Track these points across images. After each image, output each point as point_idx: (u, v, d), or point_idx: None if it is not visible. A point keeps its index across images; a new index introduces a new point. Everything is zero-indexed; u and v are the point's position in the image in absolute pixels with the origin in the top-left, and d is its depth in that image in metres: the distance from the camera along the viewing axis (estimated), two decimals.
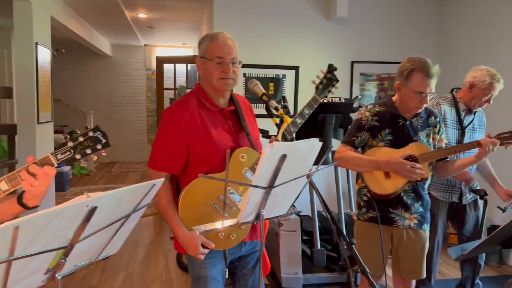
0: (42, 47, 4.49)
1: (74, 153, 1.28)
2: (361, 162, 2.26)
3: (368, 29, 5.07)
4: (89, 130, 1.30)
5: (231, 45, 1.82)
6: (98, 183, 7.87)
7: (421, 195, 2.30)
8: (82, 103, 9.63)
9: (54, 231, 0.97)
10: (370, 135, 2.29)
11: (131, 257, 4.27)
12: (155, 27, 7.63)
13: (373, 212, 2.28)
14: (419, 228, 2.30)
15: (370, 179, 2.27)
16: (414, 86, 2.15)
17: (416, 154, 2.21)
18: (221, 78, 1.79)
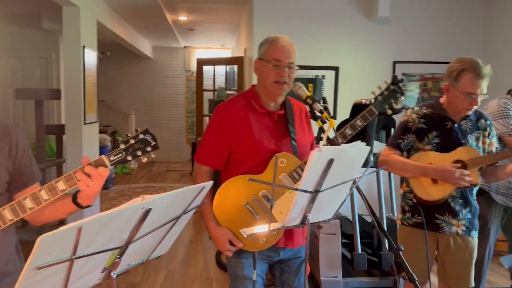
0: (89, 50, 4.66)
1: (125, 155, 1.32)
2: (408, 168, 2.20)
3: (411, 28, 4.94)
4: (139, 132, 1.34)
5: (290, 49, 1.87)
6: (139, 181, 8.08)
7: (469, 201, 2.22)
8: (124, 103, 9.92)
9: (112, 232, 1.01)
10: (416, 138, 2.23)
11: (172, 255, 4.36)
12: (194, 29, 7.76)
13: (418, 217, 2.22)
14: (467, 235, 2.22)
15: (416, 184, 2.21)
16: (464, 87, 2.07)
17: (465, 159, 2.13)
18: (275, 81, 1.82)
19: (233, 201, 1.79)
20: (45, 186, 1.29)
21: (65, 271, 0.95)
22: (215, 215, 1.82)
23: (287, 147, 1.87)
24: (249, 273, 1.88)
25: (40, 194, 1.28)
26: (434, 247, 2.25)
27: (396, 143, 2.27)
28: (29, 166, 1.49)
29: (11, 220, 1.27)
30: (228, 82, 6.73)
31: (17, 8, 5.73)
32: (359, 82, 4.86)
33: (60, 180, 1.30)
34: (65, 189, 1.31)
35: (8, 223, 1.27)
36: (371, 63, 4.94)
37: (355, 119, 2.09)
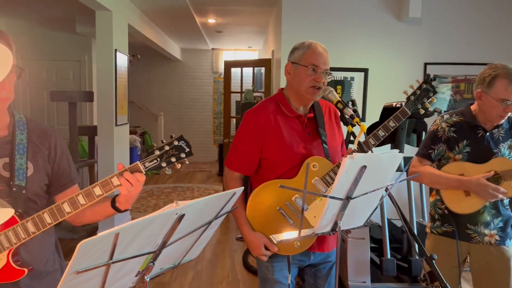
0: (121, 53, 4.77)
1: (160, 161, 1.35)
2: (440, 180, 2.13)
3: (443, 29, 4.83)
4: (174, 139, 1.36)
5: (327, 56, 1.88)
6: (167, 182, 8.20)
7: (500, 210, 2.15)
8: (154, 105, 10.09)
9: (147, 237, 1.03)
10: (447, 147, 2.16)
11: (200, 256, 4.40)
12: (223, 32, 7.81)
13: (448, 226, 2.16)
14: (502, 245, 2.15)
15: (447, 195, 2.14)
16: (497, 93, 2.01)
17: (499, 171, 2.06)
18: (311, 86, 1.82)
19: (266, 206, 1.80)
20: (83, 191, 1.33)
21: (102, 275, 0.98)
22: (249, 220, 1.83)
23: (318, 150, 1.87)
24: (280, 277, 1.89)
25: (78, 199, 1.32)
26: (464, 258, 2.19)
27: (426, 153, 2.21)
28: (68, 169, 1.53)
29: (50, 224, 1.32)
30: (256, 84, 6.74)
31: (52, 12, 5.92)
32: (389, 84, 4.78)
33: (97, 185, 1.34)
34: (101, 194, 1.34)
35: (47, 226, 1.32)
36: (402, 64, 4.85)
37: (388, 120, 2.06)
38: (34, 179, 1.43)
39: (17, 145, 1.41)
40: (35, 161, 1.44)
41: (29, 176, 1.41)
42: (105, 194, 1.33)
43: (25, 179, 1.40)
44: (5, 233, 1.29)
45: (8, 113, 1.45)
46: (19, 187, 1.38)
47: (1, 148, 1.40)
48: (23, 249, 1.36)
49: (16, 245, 1.30)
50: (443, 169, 2.16)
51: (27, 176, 1.41)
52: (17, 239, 1.29)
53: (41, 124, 1.54)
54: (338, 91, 4.90)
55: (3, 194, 1.37)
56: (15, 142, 1.41)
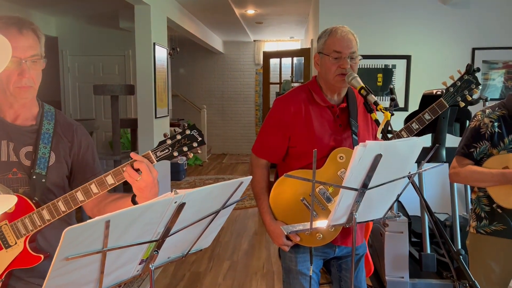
0: (159, 47, 4.85)
1: (172, 151, 1.34)
2: (484, 177, 1.96)
3: (491, 11, 4.50)
4: (186, 128, 1.35)
5: (351, 38, 1.77)
6: (210, 173, 8.32)
7: None
8: (197, 97, 10.25)
9: (144, 225, 1.02)
10: (491, 144, 1.99)
11: (236, 247, 4.42)
12: (263, 23, 7.76)
13: (498, 224, 2.00)
14: None
15: (495, 191, 1.98)
16: None
17: None
18: (338, 74, 1.74)
19: (290, 195, 1.76)
20: (95, 180, 1.35)
21: (98, 262, 0.98)
22: (272, 209, 1.80)
23: (348, 142, 1.80)
24: (303, 268, 1.86)
25: (91, 188, 1.34)
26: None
27: (467, 152, 2.04)
28: (92, 163, 1.57)
29: (64, 212, 1.35)
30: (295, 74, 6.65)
31: (96, 9, 6.13)
32: (434, 71, 4.54)
33: (109, 174, 1.35)
34: (114, 183, 1.36)
35: (61, 214, 1.35)
36: (447, 50, 4.59)
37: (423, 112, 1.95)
38: (55, 168, 1.47)
39: (42, 134, 1.46)
40: (57, 152, 1.48)
41: (50, 166, 1.45)
42: (117, 183, 1.35)
43: (46, 168, 1.44)
44: (22, 220, 1.34)
45: (37, 103, 1.50)
46: (39, 176, 1.42)
47: (27, 136, 1.45)
48: (40, 236, 1.40)
49: (32, 232, 1.34)
50: (485, 164, 2.00)
51: (48, 166, 1.45)
52: (33, 227, 1.34)
53: (68, 118, 1.58)
54: (379, 80, 4.72)
55: (23, 182, 1.42)
56: (41, 131, 1.45)
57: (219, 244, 4.48)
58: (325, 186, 1.71)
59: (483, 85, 4.67)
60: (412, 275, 3.36)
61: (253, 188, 1.88)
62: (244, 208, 5.82)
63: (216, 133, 10.40)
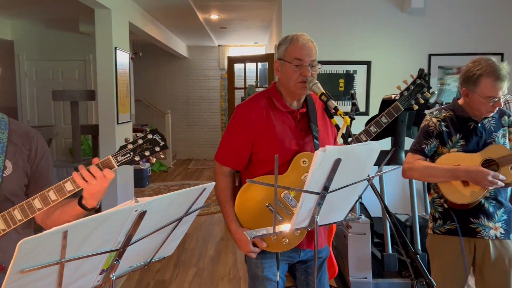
0: (121, 51, 4.77)
1: (133, 155, 1.33)
2: (435, 172, 2.07)
3: (447, 18, 4.71)
4: (148, 133, 1.34)
5: (311, 47, 1.79)
6: (175, 179, 8.22)
7: (502, 201, 2.09)
8: (161, 103, 10.13)
9: (104, 235, 1.01)
10: (440, 143, 2.11)
11: (202, 253, 4.39)
12: (227, 27, 7.78)
13: (451, 223, 2.09)
14: (507, 238, 2.08)
15: (446, 188, 2.08)
16: (484, 92, 1.95)
17: (495, 158, 2.00)
18: (299, 81, 1.76)
19: (255, 202, 1.76)
20: (54, 187, 1.31)
21: (56, 274, 0.96)
22: (237, 216, 1.80)
23: (310, 146, 1.82)
24: (269, 273, 1.86)
25: (49, 195, 1.31)
26: (472, 255, 2.12)
27: (420, 148, 2.15)
28: (47, 171, 1.52)
29: (21, 220, 1.31)
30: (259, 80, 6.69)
31: (55, 12, 5.96)
32: (393, 76, 4.67)
33: (68, 180, 1.32)
34: (73, 189, 1.33)
35: (18, 223, 1.30)
36: (405, 56, 4.76)
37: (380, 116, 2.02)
38: (12, 178, 1.42)
39: None
40: (14, 161, 1.43)
41: (6, 176, 1.40)
42: (77, 190, 1.32)
43: (1, 178, 1.39)
44: None
45: None
46: None
47: None
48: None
49: None
50: (438, 161, 2.11)
51: (4, 176, 1.40)
52: None
53: (24, 126, 1.54)
54: (341, 85, 4.83)
55: None
56: None
57: (184, 251, 4.43)
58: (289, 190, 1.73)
59: (439, 89, 4.86)
60: (375, 275, 3.44)
61: (217, 196, 1.87)
62: (210, 214, 5.79)
63: (181, 139, 10.31)
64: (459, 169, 2.01)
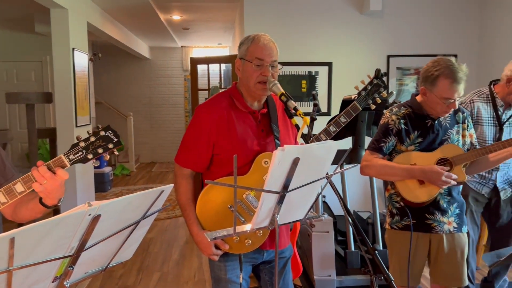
0: (79, 52, 4.63)
1: (86, 153, 1.29)
2: (392, 171, 2.12)
3: (404, 21, 4.87)
4: (100, 129, 1.31)
5: (272, 47, 1.79)
6: (138, 183, 8.06)
7: (455, 196, 2.17)
8: (123, 105, 9.92)
9: (56, 241, 0.97)
10: (398, 140, 2.15)
11: (166, 257, 4.33)
12: (190, 28, 7.72)
13: (407, 219, 2.15)
14: (459, 232, 2.17)
15: (402, 186, 2.14)
16: (441, 93, 2.00)
17: (449, 157, 2.08)
18: (259, 82, 1.75)
19: (217, 204, 1.74)
20: (3, 189, 1.27)
21: (4, 283, 0.91)
22: (199, 219, 1.77)
23: (272, 146, 1.82)
24: (232, 276, 1.85)
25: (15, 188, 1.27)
26: (427, 249, 2.19)
27: (378, 146, 2.18)
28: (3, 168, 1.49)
29: None
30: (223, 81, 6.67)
31: (8, 11, 5.72)
32: (353, 77, 4.76)
33: (18, 182, 1.28)
34: (24, 191, 1.30)
35: None
36: (365, 57, 4.87)
37: (339, 115, 2.05)
38: None
39: None
40: None
41: None
42: (27, 191, 1.28)
43: None
44: None
45: None
46: None
47: None
48: None
49: None
50: (394, 160, 2.16)
51: None
52: None
53: None
54: (304, 86, 4.89)
55: None
56: None
57: (148, 255, 4.35)
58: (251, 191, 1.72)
59: (397, 90, 5.01)
60: (339, 273, 3.50)
61: (178, 199, 1.83)
62: (174, 217, 5.71)
63: (144, 141, 10.13)
64: (415, 169, 2.06)
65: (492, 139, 2.69)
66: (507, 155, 2.09)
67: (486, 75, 4.52)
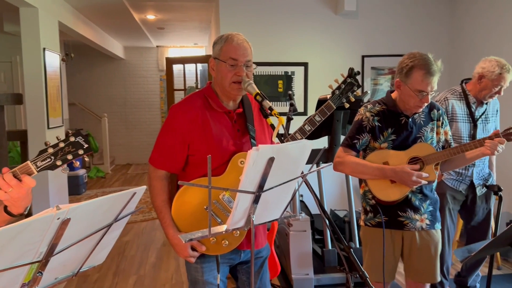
0: (50, 52, 4.52)
1: (54, 160, 1.25)
2: (364, 169, 2.14)
3: (378, 22, 4.94)
4: (70, 135, 1.26)
5: (246, 47, 1.77)
6: (113, 185, 7.93)
7: (428, 194, 2.20)
8: (97, 106, 9.74)
9: (22, 246, 0.94)
10: (372, 137, 2.17)
11: (143, 260, 4.26)
12: (165, 28, 7.63)
13: (380, 216, 2.18)
14: (432, 228, 2.20)
15: (374, 185, 2.16)
16: (414, 84, 2.02)
17: (421, 156, 2.10)
18: (233, 81, 1.74)
19: (193, 205, 1.71)
20: None
21: None
22: (175, 221, 1.74)
23: (248, 146, 1.81)
24: (210, 277, 1.83)
25: None
26: (400, 245, 2.22)
27: (351, 143, 2.20)
28: None
29: None
30: (199, 81, 6.62)
31: None
32: (329, 77, 4.76)
33: None
34: None
35: None
36: (340, 58, 4.92)
37: (314, 114, 2.05)
38: None
39: None
40: None
41: None
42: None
43: None
44: None
45: None
46: None
47: None
48: None
49: None
50: (367, 158, 2.18)
51: None
52: None
53: None
54: (280, 86, 4.90)
55: None
56: None
57: (124, 259, 4.28)
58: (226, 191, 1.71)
59: (372, 89, 5.08)
60: (316, 271, 3.52)
61: (153, 201, 1.80)
62: (151, 220, 5.64)
63: (120, 143, 9.97)
64: (386, 168, 2.09)
65: (467, 135, 2.76)
66: (479, 154, 2.13)
67: (457, 75, 4.63)
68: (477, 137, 2.76)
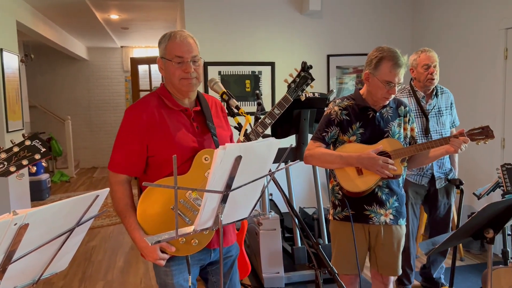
0: (8, 53, 4.35)
1: (8, 165, 1.19)
2: (332, 159, 2.19)
3: (342, 21, 5.01)
4: (26, 138, 1.21)
5: (191, 42, 1.74)
6: (78, 189, 7.72)
7: (395, 189, 2.25)
8: (60, 108, 9.44)
9: None
10: (340, 130, 2.22)
11: (111, 265, 4.16)
12: (129, 28, 7.48)
13: (347, 210, 2.22)
14: (395, 224, 2.25)
15: (342, 176, 2.20)
16: (382, 75, 2.10)
17: (388, 151, 2.15)
18: (182, 78, 1.71)
19: (158, 206, 1.67)
20: None
21: None
22: (142, 225, 1.69)
23: (209, 143, 1.79)
24: (180, 280, 1.78)
25: None
26: (366, 239, 2.26)
27: (320, 136, 2.25)
28: None
29: None
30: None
31: None
32: None
33: None
34: None
35: None
36: (306, 57, 4.96)
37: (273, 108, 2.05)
38: None
39: None
40: None
41: None
42: None
43: None
44: None
45: None
46: None
47: None
48: None
49: None
50: (336, 151, 2.22)
51: None
52: None
53: None
54: (248, 86, 4.90)
55: None
56: None
57: (91, 264, 4.16)
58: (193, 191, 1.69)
59: (338, 88, 5.15)
60: (287, 269, 3.53)
61: (115, 207, 1.74)
62: (118, 224, 5.51)
63: (84, 146, 9.70)
64: (352, 156, 2.14)
65: (420, 129, 2.88)
66: (443, 152, 2.20)
67: None
68: (430, 130, 2.88)
